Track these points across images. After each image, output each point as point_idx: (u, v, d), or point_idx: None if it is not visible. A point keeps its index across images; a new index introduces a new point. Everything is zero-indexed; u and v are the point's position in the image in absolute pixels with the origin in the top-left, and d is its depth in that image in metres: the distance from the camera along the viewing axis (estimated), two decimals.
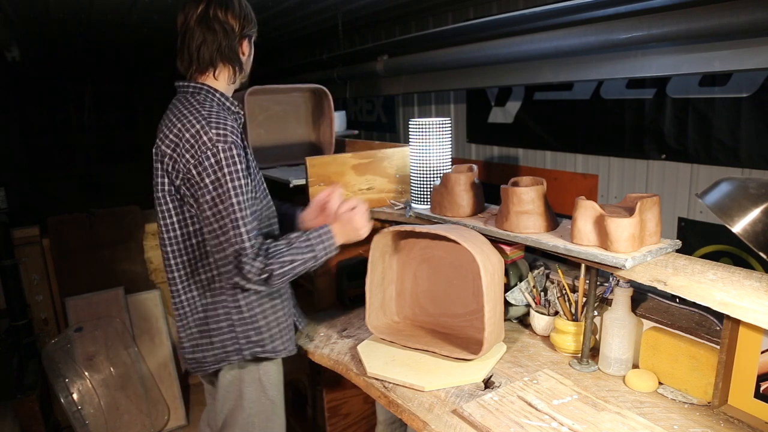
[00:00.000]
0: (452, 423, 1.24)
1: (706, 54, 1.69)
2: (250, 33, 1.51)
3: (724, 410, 1.24)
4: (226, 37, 1.45)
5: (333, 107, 2.45)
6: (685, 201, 2.09)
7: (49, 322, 2.96)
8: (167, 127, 1.43)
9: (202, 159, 1.33)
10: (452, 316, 1.73)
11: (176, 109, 1.45)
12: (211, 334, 1.50)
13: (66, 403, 2.63)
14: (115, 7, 2.76)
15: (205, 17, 1.44)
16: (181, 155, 1.37)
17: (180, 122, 1.40)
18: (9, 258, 2.74)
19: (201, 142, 1.34)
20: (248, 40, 1.52)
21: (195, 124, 1.36)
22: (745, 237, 1.09)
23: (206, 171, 1.33)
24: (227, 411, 1.60)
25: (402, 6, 2.96)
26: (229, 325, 1.50)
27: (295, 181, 2.00)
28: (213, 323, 1.50)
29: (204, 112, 1.39)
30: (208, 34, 1.44)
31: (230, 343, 1.52)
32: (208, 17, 1.44)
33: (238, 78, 1.53)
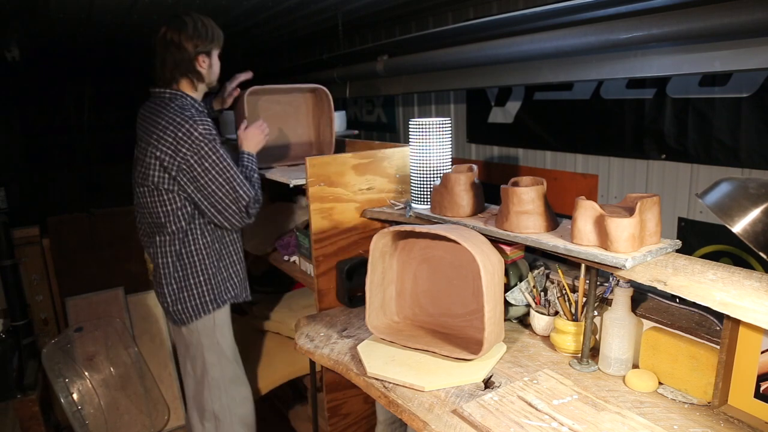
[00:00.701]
0: (452, 423, 1.24)
1: (706, 54, 1.69)
2: (205, 50, 1.87)
3: (724, 410, 1.24)
4: (180, 55, 1.83)
5: (333, 107, 2.45)
6: (685, 201, 2.09)
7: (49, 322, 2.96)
8: (162, 130, 1.78)
9: (197, 149, 1.77)
10: (452, 316, 1.73)
11: (159, 114, 1.82)
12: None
13: (66, 403, 2.62)
14: (115, 7, 2.76)
15: (163, 39, 1.83)
16: (178, 151, 1.77)
17: (171, 125, 1.77)
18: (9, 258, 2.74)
19: (194, 138, 1.76)
20: (205, 55, 1.88)
21: (184, 125, 1.76)
22: (745, 237, 1.09)
23: (204, 157, 1.77)
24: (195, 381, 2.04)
25: (402, 6, 2.96)
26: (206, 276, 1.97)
27: (295, 181, 2.00)
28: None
29: (186, 114, 1.78)
30: (166, 54, 1.83)
31: (196, 301, 1.98)
32: (165, 39, 1.83)
33: (201, 86, 1.93)
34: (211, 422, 2.02)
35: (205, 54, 1.87)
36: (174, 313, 1.97)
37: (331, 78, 3.64)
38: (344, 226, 2.05)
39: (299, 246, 2.37)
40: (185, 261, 1.92)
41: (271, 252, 2.68)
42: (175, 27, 1.82)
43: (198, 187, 1.81)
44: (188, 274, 1.93)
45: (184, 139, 1.75)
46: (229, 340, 2.05)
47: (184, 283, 1.94)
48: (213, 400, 2.00)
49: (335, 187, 1.99)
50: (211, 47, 1.89)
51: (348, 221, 2.06)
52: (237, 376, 2.06)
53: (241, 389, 2.07)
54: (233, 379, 2.04)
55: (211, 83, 1.96)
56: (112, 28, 3.32)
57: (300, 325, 1.92)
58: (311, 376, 2.06)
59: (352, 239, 2.08)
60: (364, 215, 2.08)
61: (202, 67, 1.88)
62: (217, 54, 1.93)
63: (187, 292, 1.94)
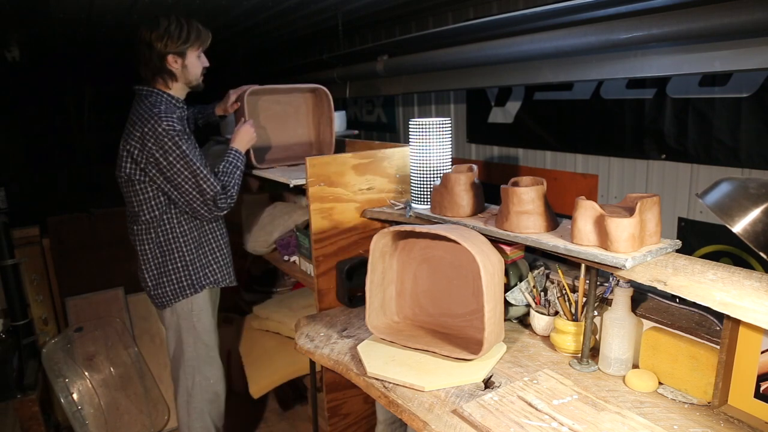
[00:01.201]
0: (452, 423, 1.24)
1: (706, 54, 1.69)
2: (176, 50, 1.92)
3: (724, 410, 1.24)
4: (149, 54, 1.91)
5: (333, 107, 2.45)
6: (685, 201, 2.09)
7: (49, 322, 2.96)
8: (132, 125, 1.91)
9: (161, 144, 1.85)
10: (452, 316, 1.73)
11: (133, 110, 1.94)
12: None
13: (66, 403, 2.62)
14: (115, 7, 2.76)
15: (138, 39, 1.92)
16: (144, 145, 1.86)
17: (140, 121, 1.88)
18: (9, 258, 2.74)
19: (158, 133, 1.84)
20: (176, 55, 1.93)
21: (149, 120, 1.85)
22: (745, 237, 1.09)
23: (168, 152, 1.86)
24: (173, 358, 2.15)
25: (402, 6, 2.96)
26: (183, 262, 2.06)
27: (295, 181, 2.00)
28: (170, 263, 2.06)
29: (155, 110, 1.87)
30: (139, 53, 1.93)
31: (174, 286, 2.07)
32: (139, 40, 1.92)
33: (176, 84, 2.00)
34: (183, 398, 2.15)
35: (176, 54, 1.93)
36: (154, 297, 2.10)
37: (331, 78, 3.64)
38: (344, 226, 2.05)
39: (299, 246, 2.37)
40: (163, 248, 2.02)
41: (271, 252, 2.68)
42: (147, 27, 1.90)
43: (166, 179, 1.91)
44: (167, 260, 2.03)
45: (149, 134, 1.85)
46: (206, 324, 2.13)
47: (162, 268, 2.04)
48: (186, 378, 2.13)
49: (335, 187, 1.99)
50: (185, 48, 1.93)
51: (348, 221, 2.06)
52: (211, 357, 2.16)
53: (214, 370, 2.18)
54: (207, 360, 2.14)
55: (189, 82, 2.02)
56: (112, 28, 3.32)
57: (300, 325, 1.92)
58: (311, 376, 2.06)
59: (352, 239, 2.08)
60: (364, 215, 2.08)
61: (173, 66, 1.94)
62: (195, 54, 1.98)
63: (165, 278, 2.05)
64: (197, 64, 2.00)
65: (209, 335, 2.14)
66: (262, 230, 2.68)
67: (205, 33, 1.99)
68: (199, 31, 1.96)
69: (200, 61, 2.01)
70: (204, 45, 1.99)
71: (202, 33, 1.97)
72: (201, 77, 2.04)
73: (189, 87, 2.04)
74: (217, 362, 2.19)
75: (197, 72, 2.01)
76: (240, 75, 5.35)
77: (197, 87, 2.06)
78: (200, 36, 1.96)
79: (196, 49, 1.97)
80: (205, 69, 2.05)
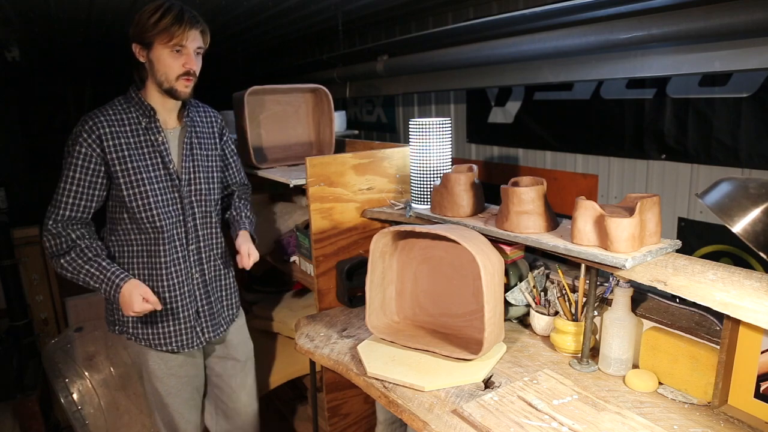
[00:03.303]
0: (452, 423, 1.24)
1: (706, 54, 1.69)
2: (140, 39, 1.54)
3: (724, 410, 1.24)
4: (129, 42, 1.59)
5: (333, 107, 2.45)
6: (685, 201, 2.09)
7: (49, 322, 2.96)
8: None
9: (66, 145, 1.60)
10: (452, 316, 1.73)
11: None
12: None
13: (66, 403, 2.62)
14: (115, 7, 2.76)
15: None
16: None
17: None
18: (9, 258, 2.74)
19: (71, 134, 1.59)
20: (142, 45, 1.55)
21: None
22: (745, 237, 1.09)
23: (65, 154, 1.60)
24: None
25: (402, 6, 2.96)
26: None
27: (295, 181, 2.00)
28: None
29: (94, 110, 1.59)
30: None
31: (108, 313, 1.79)
32: None
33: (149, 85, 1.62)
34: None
35: (141, 44, 1.55)
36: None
37: (331, 78, 3.65)
38: (344, 226, 2.05)
39: (299, 246, 2.37)
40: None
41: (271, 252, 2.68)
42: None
43: None
44: None
45: None
46: (158, 375, 1.77)
47: None
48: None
49: (335, 187, 1.99)
50: (150, 37, 1.51)
51: (348, 221, 2.06)
52: (164, 405, 1.81)
53: (167, 423, 1.84)
54: (158, 407, 1.83)
55: (160, 84, 1.58)
56: (112, 28, 3.32)
57: (300, 325, 1.92)
58: (311, 376, 2.05)
59: (352, 239, 2.08)
60: (364, 215, 2.08)
61: (139, 58, 1.58)
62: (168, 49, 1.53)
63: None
64: (168, 62, 1.54)
65: (162, 384, 1.77)
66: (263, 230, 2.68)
67: (186, 25, 1.52)
68: (178, 21, 1.50)
69: (176, 60, 1.54)
70: (181, 39, 1.51)
71: (183, 24, 1.51)
72: (180, 82, 1.57)
73: (163, 91, 1.59)
74: (175, 406, 1.81)
75: (168, 72, 1.55)
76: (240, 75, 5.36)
77: (175, 95, 1.59)
78: (175, 26, 1.50)
79: (166, 42, 1.51)
80: (189, 73, 1.57)
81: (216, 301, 1.82)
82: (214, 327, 1.81)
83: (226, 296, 1.89)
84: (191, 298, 1.74)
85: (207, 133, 1.80)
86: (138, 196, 1.60)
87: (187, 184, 1.71)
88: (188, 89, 1.60)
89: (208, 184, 1.76)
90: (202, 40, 1.59)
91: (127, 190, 1.59)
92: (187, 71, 1.56)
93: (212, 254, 1.80)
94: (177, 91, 1.59)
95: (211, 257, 1.80)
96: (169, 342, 1.72)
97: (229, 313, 1.90)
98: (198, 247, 1.76)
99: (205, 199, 1.75)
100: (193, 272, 1.74)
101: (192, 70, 1.57)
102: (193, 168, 1.72)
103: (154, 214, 1.62)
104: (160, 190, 1.64)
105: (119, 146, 1.58)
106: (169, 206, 1.66)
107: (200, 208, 1.75)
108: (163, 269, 1.66)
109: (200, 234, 1.76)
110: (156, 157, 1.64)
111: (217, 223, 1.82)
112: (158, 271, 1.66)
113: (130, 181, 1.59)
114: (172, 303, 1.70)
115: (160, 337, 1.71)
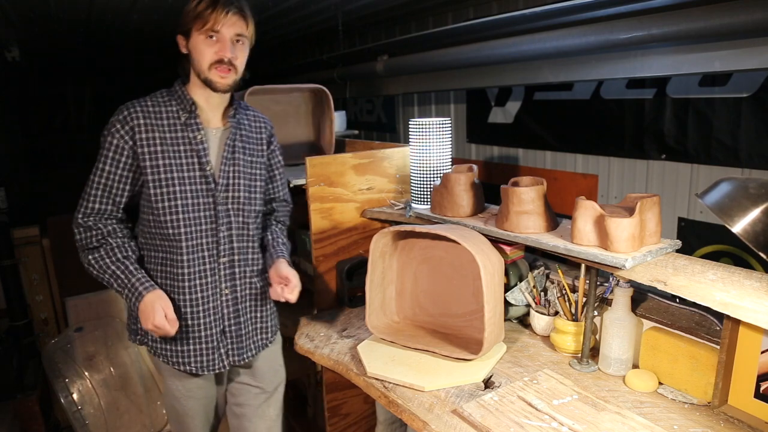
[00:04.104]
0: (452, 423, 1.24)
1: (706, 54, 1.69)
2: (182, 28, 1.45)
3: (724, 410, 1.24)
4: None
5: (333, 107, 2.45)
6: (685, 201, 2.09)
7: (49, 322, 2.96)
8: None
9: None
10: (452, 316, 1.73)
11: None
12: None
13: (66, 403, 2.62)
14: (115, 7, 2.76)
15: None
16: None
17: None
18: (9, 258, 2.74)
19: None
20: (183, 34, 1.45)
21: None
22: (745, 237, 1.09)
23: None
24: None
25: (402, 6, 2.96)
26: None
27: (295, 181, 2.00)
28: None
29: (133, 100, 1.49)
30: None
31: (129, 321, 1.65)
32: None
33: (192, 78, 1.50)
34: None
35: (182, 33, 1.45)
36: None
37: (331, 78, 3.65)
38: (344, 226, 2.05)
39: (299, 246, 2.37)
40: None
41: None
42: None
43: None
44: None
45: None
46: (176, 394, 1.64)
47: None
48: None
49: (335, 187, 1.99)
50: (190, 25, 1.41)
51: (348, 221, 2.06)
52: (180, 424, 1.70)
53: None
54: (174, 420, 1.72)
55: (198, 75, 1.46)
56: (112, 28, 3.32)
57: (300, 325, 1.92)
58: (311, 376, 2.05)
59: (352, 239, 2.08)
60: (364, 215, 2.08)
61: (182, 50, 1.48)
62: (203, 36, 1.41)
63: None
64: (201, 48, 1.41)
65: (180, 403, 1.65)
66: None
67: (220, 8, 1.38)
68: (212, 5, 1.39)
69: (210, 47, 1.41)
70: (213, 24, 1.39)
71: (217, 7, 1.38)
72: (213, 72, 1.43)
73: (202, 83, 1.46)
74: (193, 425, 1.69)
75: (201, 60, 1.42)
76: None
77: (212, 86, 1.45)
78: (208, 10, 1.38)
79: (200, 28, 1.40)
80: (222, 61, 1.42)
81: (246, 323, 1.62)
82: (240, 351, 1.61)
83: (260, 319, 1.68)
84: (216, 315, 1.55)
85: (254, 139, 1.63)
86: (164, 197, 1.45)
87: (225, 189, 1.53)
88: (225, 80, 1.45)
89: (248, 192, 1.58)
90: (242, 27, 1.43)
91: (155, 189, 1.45)
92: (221, 59, 1.42)
93: (247, 270, 1.60)
94: (212, 81, 1.45)
95: (246, 273, 1.60)
96: (188, 362, 1.55)
97: (261, 337, 1.68)
98: (231, 260, 1.56)
99: (243, 208, 1.57)
100: (222, 287, 1.55)
101: (226, 58, 1.42)
102: (234, 173, 1.55)
103: (178, 218, 1.46)
104: (191, 193, 1.48)
105: (152, 140, 1.45)
106: (199, 211, 1.49)
107: (237, 217, 1.56)
108: (185, 281, 1.49)
109: (235, 246, 1.56)
110: (192, 156, 1.48)
111: (256, 237, 1.64)
112: (179, 283, 1.50)
113: (159, 180, 1.45)
114: (193, 319, 1.52)
115: (179, 356, 1.54)
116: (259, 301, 1.66)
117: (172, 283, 1.51)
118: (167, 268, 1.51)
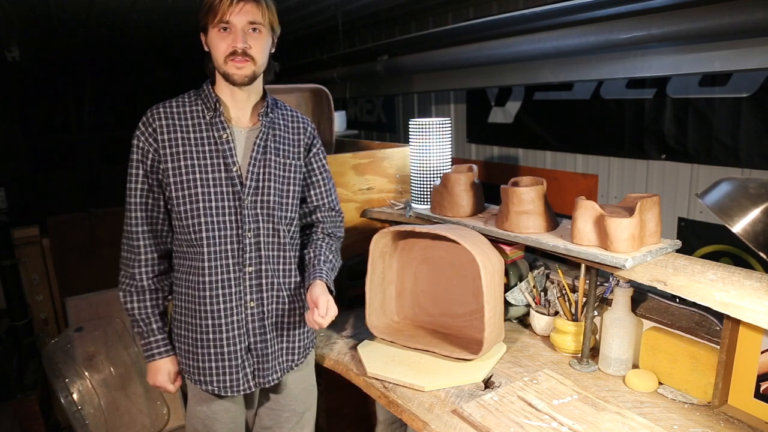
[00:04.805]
0: (452, 423, 1.24)
1: (706, 54, 1.69)
2: (201, 27, 1.38)
3: (724, 410, 1.24)
4: None
5: (333, 107, 2.45)
6: (685, 201, 2.09)
7: (49, 322, 2.96)
8: None
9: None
10: (452, 316, 1.73)
11: None
12: None
13: (66, 403, 2.62)
14: (115, 7, 2.76)
15: None
16: None
17: None
18: (9, 258, 2.74)
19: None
20: (202, 30, 1.38)
21: None
22: (745, 237, 1.09)
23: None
24: None
25: (402, 6, 2.96)
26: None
27: None
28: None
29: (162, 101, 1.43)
30: None
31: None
32: None
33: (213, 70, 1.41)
34: None
35: (202, 31, 1.39)
36: None
37: (331, 78, 3.65)
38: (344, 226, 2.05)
39: None
40: None
41: None
42: None
43: None
44: None
45: None
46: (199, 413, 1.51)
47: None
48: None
49: None
50: (205, 20, 1.35)
51: (348, 221, 2.05)
52: None
53: None
54: None
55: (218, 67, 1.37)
56: (112, 27, 3.32)
57: None
58: None
59: (352, 239, 2.08)
60: (364, 215, 2.08)
61: (204, 46, 1.41)
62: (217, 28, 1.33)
63: None
64: (216, 42, 1.34)
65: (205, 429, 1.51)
66: None
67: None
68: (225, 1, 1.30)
69: (223, 39, 1.32)
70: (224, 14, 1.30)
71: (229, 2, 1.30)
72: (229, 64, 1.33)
73: (225, 79, 1.38)
74: None
75: (217, 54, 1.35)
76: None
77: (230, 79, 1.36)
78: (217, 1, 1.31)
79: (213, 22, 1.32)
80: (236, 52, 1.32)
81: (273, 341, 1.46)
82: (266, 372, 1.46)
83: (289, 338, 1.50)
84: (241, 330, 1.42)
85: (290, 140, 1.50)
86: (186, 199, 1.36)
87: (253, 192, 1.40)
88: (242, 71, 1.34)
89: (280, 197, 1.44)
90: (256, 14, 1.33)
91: (177, 191, 1.36)
92: (234, 50, 1.32)
93: (277, 282, 1.45)
94: (229, 74, 1.35)
95: (274, 286, 1.45)
96: (210, 380, 1.43)
97: (287, 359, 1.51)
98: (258, 270, 1.42)
99: (273, 213, 1.43)
100: (247, 299, 1.42)
101: (239, 49, 1.32)
102: (264, 175, 1.42)
103: (200, 222, 1.36)
104: (215, 195, 1.37)
105: (175, 141, 1.37)
106: (223, 215, 1.38)
107: (266, 224, 1.42)
108: (207, 290, 1.38)
109: (263, 255, 1.42)
110: (218, 157, 1.38)
111: (290, 248, 1.48)
112: (200, 293, 1.38)
113: (181, 181, 1.36)
114: (215, 332, 1.40)
115: (200, 373, 1.43)
116: (290, 319, 1.49)
117: (193, 292, 1.40)
118: (190, 276, 1.41)
